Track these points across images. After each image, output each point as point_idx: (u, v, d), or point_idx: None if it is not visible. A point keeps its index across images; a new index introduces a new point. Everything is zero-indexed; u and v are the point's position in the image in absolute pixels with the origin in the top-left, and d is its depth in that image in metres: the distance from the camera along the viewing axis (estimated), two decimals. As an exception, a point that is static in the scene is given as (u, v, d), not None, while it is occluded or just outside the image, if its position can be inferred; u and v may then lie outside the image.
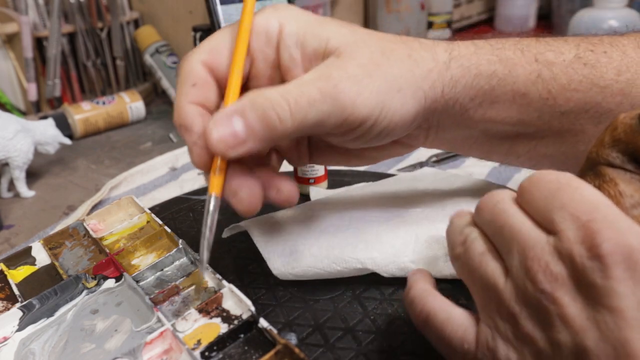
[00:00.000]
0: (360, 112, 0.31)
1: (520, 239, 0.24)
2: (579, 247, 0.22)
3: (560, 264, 0.23)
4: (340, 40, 0.31)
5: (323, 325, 0.35)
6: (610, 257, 0.21)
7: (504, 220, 0.26)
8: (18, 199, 0.58)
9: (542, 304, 0.23)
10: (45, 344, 0.34)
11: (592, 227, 0.22)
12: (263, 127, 0.29)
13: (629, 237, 0.22)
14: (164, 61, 0.82)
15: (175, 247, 0.41)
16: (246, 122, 0.29)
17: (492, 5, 1.17)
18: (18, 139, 0.55)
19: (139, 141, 0.72)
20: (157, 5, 0.85)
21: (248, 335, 0.34)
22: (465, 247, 0.28)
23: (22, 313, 0.36)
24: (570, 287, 0.22)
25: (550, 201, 0.24)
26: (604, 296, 0.21)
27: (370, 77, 0.31)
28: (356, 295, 0.38)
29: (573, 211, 0.23)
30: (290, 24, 0.32)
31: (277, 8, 0.32)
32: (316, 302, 0.37)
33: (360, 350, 0.33)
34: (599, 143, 0.31)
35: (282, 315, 0.36)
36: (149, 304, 0.36)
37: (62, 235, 0.45)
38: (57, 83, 0.77)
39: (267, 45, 0.32)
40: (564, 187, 0.25)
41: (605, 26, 0.73)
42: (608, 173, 0.29)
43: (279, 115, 0.29)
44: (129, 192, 0.57)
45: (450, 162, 0.60)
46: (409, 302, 0.30)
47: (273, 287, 0.39)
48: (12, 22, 0.73)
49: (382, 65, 0.31)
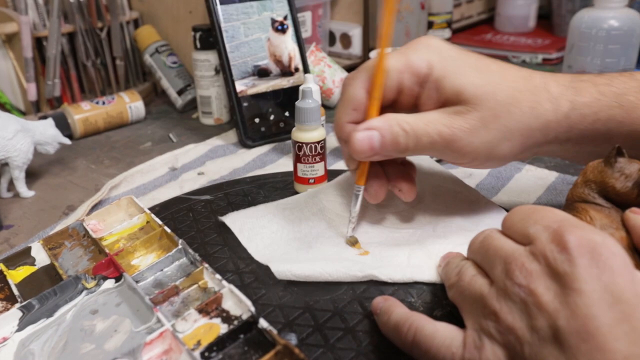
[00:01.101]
0: (469, 155, 0.38)
1: (502, 253, 0.29)
2: (550, 245, 0.26)
3: (535, 262, 0.27)
4: (471, 93, 0.37)
5: (323, 325, 0.35)
6: (577, 249, 0.25)
7: (489, 244, 0.30)
8: (18, 199, 0.58)
9: (520, 296, 0.26)
10: (45, 344, 0.34)
11: (560, 229, 0.26)
12: (392, 146, 0.38)
13: (594, 235, 0.26)
14: (164, 61, 0.82)
15: (175, 247, 0.41)
16: (382, 140, 0.38)
17: (492, 5, 1.17)
18: (18, 139, 0.55)
19: (138, 141, 0.72)
20: (157, 5, 0.85)
21: (248, 336, 0.34)
22: (459, 275, 0.32)
23: (22, 313, 0.36)
24: (544, 279, 0.26)
25: (526, 221, 0.29)
26: (573, 281, 0.24)
27: (487, 129, 0.37)
28: (356, 296, 0.38)
29: (545, 223, 0.28)
30: (436, 70, 0.38)
31: (430, 47, 0.39)
32: (316, 303, 0.37)
33: (360, 350, 0.33)
34: (573, 186, 0.37)
35: (282, 316, 0.36)
36: (148, 304, 0.36)
37: (61, 236, 0.44)
38: (57, 83, 0.77)
39: (415, 85, 0.39)
40: (538, 209, 0.29)
41: (605, 26, 0.73)
42: (581, 206, 0.36)
43: (407, 143, 0.38)
44: (129, 192, 0.57)
45: (450, 162, 0.60)
46: (393, 327, 0.32)
47: (273, 287, 0.39)
48: (11, 22, 0.73)
49: (502, 117, 0.37)
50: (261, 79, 0.67)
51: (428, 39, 0.39)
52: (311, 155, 0.51)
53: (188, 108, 0.82)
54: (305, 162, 0.51)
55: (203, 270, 0.39)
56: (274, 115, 0.68)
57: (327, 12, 0.94)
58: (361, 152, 0.38)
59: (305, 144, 0.50)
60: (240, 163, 0.63)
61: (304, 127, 0.51)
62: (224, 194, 0.53)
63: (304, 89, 0.51)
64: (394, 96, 0.40)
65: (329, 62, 0.77)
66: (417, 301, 0.37)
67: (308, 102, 0.50)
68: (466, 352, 0.28)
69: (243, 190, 0.54)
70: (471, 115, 0.37)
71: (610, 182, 0.35)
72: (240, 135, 0.67)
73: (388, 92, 0.39)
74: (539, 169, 0.58)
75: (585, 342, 0.23)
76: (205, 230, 0.47)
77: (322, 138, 0.51)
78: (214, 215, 0.49)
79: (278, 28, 0.68)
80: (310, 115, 0.50)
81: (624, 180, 0.35)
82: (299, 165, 0.52)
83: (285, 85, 0.68)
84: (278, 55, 0.68)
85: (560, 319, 0.24)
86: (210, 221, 0.48)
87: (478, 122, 0.37)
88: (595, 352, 0.23)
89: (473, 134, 0.37)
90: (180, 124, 0.77)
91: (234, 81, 0.66)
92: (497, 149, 0.38)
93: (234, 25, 0.66)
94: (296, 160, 0.52)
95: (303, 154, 0.51)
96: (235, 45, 0.66)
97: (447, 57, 0.38)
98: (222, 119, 0.77)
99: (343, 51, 0.97)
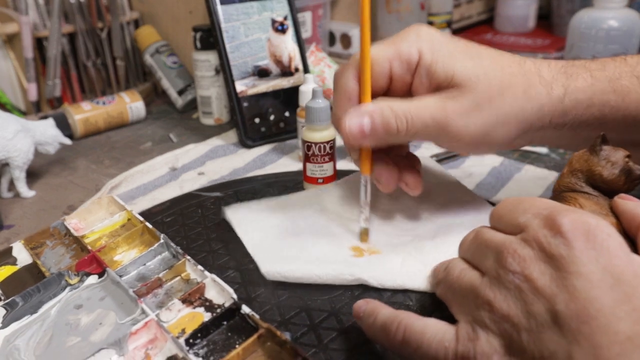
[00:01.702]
0: (464, 139, 0.37)
1: (493, 245, 0.28)
2: (543, 231, 0.26)
3: (527, 247, 0.26)
4: (463, 76, 0.37)
5: (318, 325, 0.35)
6: (572, 232, 0.25)
7: (480, 239, 0.30)
8: (18, 199, 0.58)
9: (515, 283, 0.26)
10: (30, 340, 0.34)
11: (552, 214, 0.26)
12: (384, 130, 0.38)
13: (586, 217, 0.25)
14: (164, 61, 0.82)
15: (157, 242, 0.42)
16: (373, 123, 0.37)
17: (492, 5, 1.17)
18: (18, 139, 0.55)
19: (139, 141, 0.72)
20: (157, 5, 0.85)
21: (231, 322, 0.35)
22: (447, 271, 0.31)
23: (6, 311, 0.36)
24: (538, 264, 0.25)
25: (514, 211, 0.29)
26: (570, 264, 0.24)
27: (481, 112, 0.37)
28: (355, 297, 0.38)
29: (534, 211, 0.27)
30: (426, 56, 0.38)
31: (419, 35, 0.38)
32: (314, 302, 0.37)
33: (352, 351, 0.33)
34: (560, 177, 0.38)
35: (278, 314, 0.37)
36: (132, 297, 0.36)
37: (42, 235, 0.45)
38: (57, 83, 0.77)
39: (406, 72, 0.39)
40: (526, 199, 0.29)
41: (605, 26, 0.73)
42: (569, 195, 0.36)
43: (398, 126, 0.37)
44: (129, 192, 0.57)
45: (450, 162, 0.60)
46: (380, 327, 0.31)
47: (273, 286, 0.39)
48: (12, 22, 0.73)
49: (495, 101, 0.37)
50: (261, 79, 0.67)
51: (418, 27, 0.39)
52: (320, 155, 0.51)
53: (188, 108, 0.82)
54: (314, 161, 0.51)
55: (185, 262, 0.40)
56: (274, 116, 0.68)
57: (327, 12, 0.94)
58: (351, 136, 0.38)
59: (314, 143, 0.50)
60: (240, 163, 0.63)
61: (313, 127, 0.51)
62: (234, 192, 0.53)
63: (314, 89, 0.51)
64: (385, 84, 0.40)
65: (329, 62, 0.77)
66: (415, 305, 0.37)
67: (318, 102, 0.51)
68: (459, 345, 0.27)
69: (254, 188, 0.54)
70: (464, 98, 0.37)
71: (597, 170, 0.35)
72: (240, 135, 0.67)
73: (379, 79, 0.39)
74: (538, 169, 0.58)
75: (587, 325, 0.23)
76: (212, 227, 0.47)
77: (331, 138, 0.51)
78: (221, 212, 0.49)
79: (278, 28, 0.68)
80: (319, 115, 0.50)
81: (611, 167, 0.35)
82: (308, 165, 0.52)
83: (286, 85, 0.69)
84: (278, 55, 0.68)
85: (559, 302, 0.24)
86: (217, 218, 0.48)
87: (471, 105, 0.37)
88: (598, 334, 0.23)
89: (467, 116, 0.37)
90: (181, 124, 0.77)
91: (234, 81, 0.66)
92: (492, 133, 0.38)
93: (234, 26, 0.66)
94: (305, 160, 0.52)
95: (312, 154, 0.51)
96: (236, 45, 0.66)
97: (437, 44, 0.38)
98: (222, 119, 0.77)
99: (343, 51, 0.97)
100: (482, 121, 0.37)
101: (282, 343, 0.31)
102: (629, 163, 0.35)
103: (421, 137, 0.38)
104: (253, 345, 0.32)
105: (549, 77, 0.38)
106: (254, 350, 0.32)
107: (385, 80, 0.39)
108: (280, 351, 0.32)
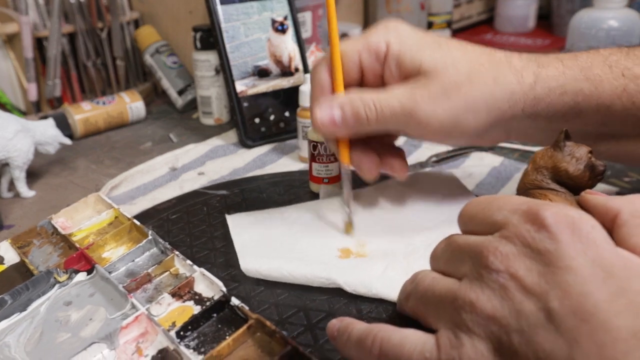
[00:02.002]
0: (433, 126, 0.38)
1: (469, 248, 0.26)
2: (525, 226, 0.24)
3: (509, 244, 0.24)
4: (431, 64, 0.37)
5: (315, 325, 0.35)
6: (556, 225, 0.23)
7: (453, 246, 0.28)
8: (18, 199, 0.58)
9: (499, 282, 0.24)
10: (21, 337, 0.35)
11: (532, 209, 0.24)
12: (354, 120, 0.38)
13: (568, 210, 0.24)
14: (164, 61, 0.82)
15: (145, 238, 0.42)
16: (343, 113, 0.39)
17: (492, 5, 1.17)
18: (18, 139, 0.55)
19: (139, 141, 0.72)
20: (157, 5, 0.85)
21: (221, 315, 0.35)
22: (415, 282, 0.29)
23: None
24: (523, 260, 0.24)
25: (487, 209, 0.27)
26: (559, 258, 0.23)
27: (449, 98, 0.37)
28: (353, 298, 0.38)
29: (511, 207, 0.26)
30: (394, 46, 0.39)
31: (388, 28, 0.39)
32: (312, 302, 0.37)
33: None
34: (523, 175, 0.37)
35: (276, 313, 0.37)
36: (122, 292, 0.37)
37: (29, 234, 0.45)
38: (57, 83, 0.77)
39: (376, 62, 0.40)
40: (497, 198, 0.28)
41: (605, 26, 0.73)
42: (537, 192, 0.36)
43: (368, 115, 0.38)
44: (129, 192, 0.57)
45: (450, 162, 0.60)
46: (356, 342, 0.28)
47: (273, 285, 0.39)
48: (12, 22, 0.73)
49: (463, 87, 0.37)
50: (261, 79, 0.67)
51: (388, 21, 0.40)
52: (326, 155, 0.51)
53: (188, 108, 0.82)
54: (319, 161, 0.51)
55: (174, 257, 0.40)
56: (274, 116, 0.68)
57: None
58: (323, 127, 0.39)
59: (320, 143, 0.50)
60: (240, 163, 0.63)
61: None
62: (240, 190, 0.53)
63: None
64: (357, 75, 0.41)
65: (329, 62, 0.77)
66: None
67: None
68: (442, 354, 0.25)
69: (259, 187, 0.54)
70: (432, 85, 0.37)
71: (563, 166, 0.35)
72: (240, 135, 0.67)
73: (350, 71, 0.40)
74: (538, 169, 0.58)
75: (586, 322, 0.21)
76: (216, 225, 0.47)
77: None
78: (227, 210, 0.50)
79: (278, 28, 0.68)
80: None
81: (576, 163, 0.35)
82: (314, 164, 0.52)
83: (286, 85, 0.69)
84: (278, 55, 0.68)
85: (552, 299, 0.22)
86: (222, 216, 0.49)
87: (439, 91, 0.37)
88: (599, 331, 0.21)
89: (434, 103, 0.37)
90: (181, 124, 0.77)
91: (234, 81, 0.66)
92: (461, 120, 0.38)
93: (234, 26, 0.66)
94: (311, 160, 0.52)
95: (318, 154, 0.51)
96: (236, 45, 0.66)
97: (405, 36, 0.39)
98: (222, 119, 0.77)
99: (343, 51, 0.97)
100: (450, 107, 0.37)
101: (272, 333, 0.32)
102: (591, 159, 0.35)
103: (391, 125, 0.39)
104: (243, 336, 0.33)
105: (519, 66, 0.38)
106: (244, 341, 0.33)
107: (357, 72, 0.40)
108: (270, 341, 0.32)
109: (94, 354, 0.32)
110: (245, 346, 0.32)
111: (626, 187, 0.53)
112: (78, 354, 0.32)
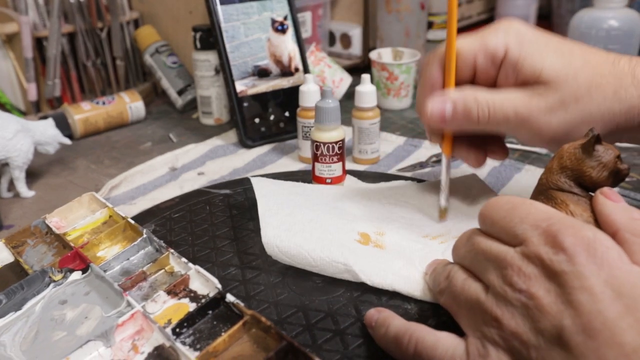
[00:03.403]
0: (545, 136, 0.38)
1: (493, 257, 0.28)
2: (544, 248, 0.26)
3: (530, 265, 0.26)
4: (551, 74, 0.37)
5: (314, 326, 0.35)
6: (573, 248, 0.25)
7: (477, 249, 0.30)
8: (18, 199, 0.58)
9: (522, 301, 0.26)
10: (16, 336, 0.35)
11: (552, 229, 0.26)
12: (464, 117, 0.39)
13: (585, 231, 0.26)
14: (164, 61, 0.82)
15: (139, 237, 0.42)
16: (454, 109, 0.39)
17: (492, 5, 1.17)
18: (18, 139, 0.55)
19: (138, 141, 0.72)
20: (157, 5, 0.85)
21: (216, 311, 0.35)
22: (449, 280, 0.31)
23: None
24: (542, 282, 0.26)
25: (509, 219, 0.28)
26: (574, 279, 0.24)
27: (566, 110, 0.37)
28: (353, 299, 0.38)
29: (532, 222, 0.27)
30: (513, 50, 0.38)
31: (508, 29, 0.39)
32: (312, 302, 0.37)
33: (346, 353, 0.33)
34: (548, 170, 0.36)
35: (275, 313, 0.37)
36: (117, 290, 0.37)
37: (23, 234, 0.45)
38: (57, 83, 0.77)
39: (491, 65, 0.39)
40: (519, 205, 0.29)
41: (605, 26, 0.73)
42: (559, 196, 0.35)
43: (479, 115, 0.38)
44: (129, 192, 0.57)
45: (450, 162, 0.60)
46: (392, 338, 0.31)
47: (273, 285, 0.39)
48: (12, 22, 0.73)
49: (582, 100, 0.36)
50: (261, 79, 0.67)
51: (508, 21, 0.39)
52: (328, 155, 0.51)
53: (188, 108, 0.82)
54: (322, 161, 0.51)
55: (169, 255, 0.40)
56: (274, 116, 0.68)
57: (327, 12, 0.94)
58: (432, 120, 0.39)
59: (322, 143, 0.50)
60: (240, 163, 0.63)
61: (322, 127, 0.51)
62: (243, 189, 0.53)
63: (325, 89, 0.51)
64: (469, 76, 0.40)
65: (329, 62, 0.77)
66: (413, 308, 0.36)
67: (328, 102, 0.51)
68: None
69: None
70: (550, 95, 0.37)
71: (588, 172, 0.34)
72: (240, 135, 0.67)
73: (463, 71, 0.40)
74: (538, 169, 0.58)
75: (593, 339, 0.23)
76: (218, 224, 0.47)
77: (340, 138, 0.51)
78: (229, 209, 0.50)
79: (278, 28, 0.68)
80: (329, 115, 0.50)
81: (601, 169, 0.34)
82: (317, 164, 0.52)
83: (285, 85, 0.69)
84: (278, 55, 0.68)
85: (565, 318, 0.24)
86: (224, 215, 0.49)
87: (557, 103, 0.37)
88: (604, 347, 0.23)
89: (550, 114, 0.37)
90: (181, 124, 0.77)
91: (234, 81, 0.66)
92: (575, 132, 0.37)
93: (234, 26, 0.66)
94: (314, 160, 0.52)
95: (320, 154, 0.51)
96: (235, 45, 0.66)
97: (526, 40, 0.38)
98: (222, 119, 0.77)
99: (343, 51, 0.97)
100: (566, 119, 0.37)
101: (267, 329, 0.32)
102: (617, 164, 0.35)
103: (501, 128, 0.39)
104: (238, 332, 0.33)
105: None
106: (239, 337, 0.33)
107: (469, 73, 0.40)
108: (266, 337, 0.32)
109: (90, 351, 0.32)
110: (240, 342, 0.33)
111: (627, 187, 0.53)
112: (74, 352, 0.32)
